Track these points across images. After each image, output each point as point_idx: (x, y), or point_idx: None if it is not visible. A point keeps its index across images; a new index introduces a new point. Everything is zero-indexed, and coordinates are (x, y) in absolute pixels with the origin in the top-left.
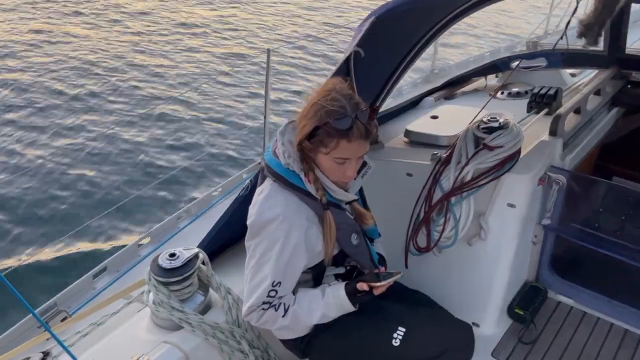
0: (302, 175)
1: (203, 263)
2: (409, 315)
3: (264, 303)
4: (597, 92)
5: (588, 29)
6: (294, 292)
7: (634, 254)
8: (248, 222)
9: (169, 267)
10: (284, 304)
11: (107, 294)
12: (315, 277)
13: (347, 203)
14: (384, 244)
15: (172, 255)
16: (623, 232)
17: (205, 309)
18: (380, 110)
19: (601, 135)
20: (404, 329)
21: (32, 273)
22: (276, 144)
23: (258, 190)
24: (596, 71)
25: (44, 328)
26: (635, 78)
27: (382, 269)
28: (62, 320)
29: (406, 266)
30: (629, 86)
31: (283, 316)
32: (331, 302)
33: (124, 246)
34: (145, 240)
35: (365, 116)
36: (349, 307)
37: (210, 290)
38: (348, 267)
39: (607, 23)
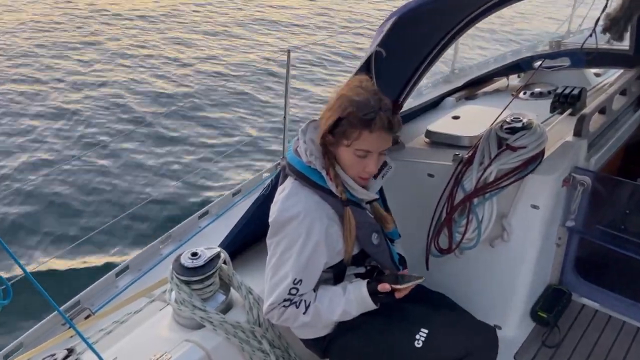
0: (324, 173)
1: (224, 262)
2: (432, 317)
3: (284, 300)
4: (623, 92)
5: (614, 24)
6: (315, 290)
7: None
8: (270, 220)
9: (191, 266)
10: (305, 301)
11: (130, 292)
12: (335, 276)
13: (367, 202)
14: (405, 245)
15: (194, 254)
16: None
17: (227, 308)
18: (401, 110)
19: (627, 136)
20: (426, 331)
21: (57, 271)
22: (297, 142)
23: (280, 189)
24: (621, 71)
25: (69, 325)
26: None
27: (406, 270)
28: (86, 317)
29: (427, 267)
30: None
31: (304, 313)
32: (352, 299)
33: (146, 245)
34: (167, 240)
35: (388, 109)
36: (370, 305)
37: (232, 290)
38: (368, 267)
39: (634, 22)
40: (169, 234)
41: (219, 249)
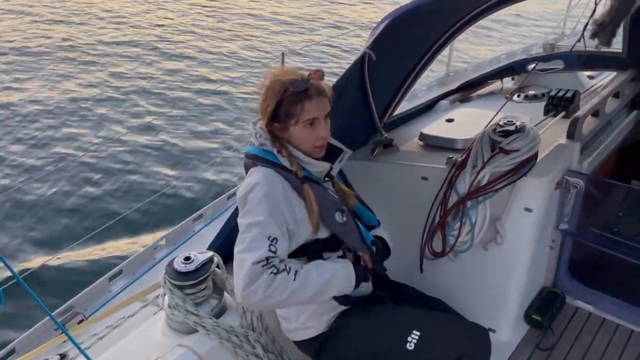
0: (275, 151)
1: (218, 266)
2: (424, 319)
3: (267, 261)
4: (616, 95)
5: (602, 29)
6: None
7: None
8: (237, 205)
9: (184, 270)
10: (292, 268)
11: (123, 296)
12: (310, 259)
13: (326, 180)
14: (399, 248)
15: (187, 258)
16: None
17: (220, 312)
18: (395, 113)
19: (620, 139)
20: (418, 333)
21: (50, 276)
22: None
23: None
24: (614, 73)
25: (61, 330)
26: None
27: None
28: (79, 322)
29: (421, 271)
30: None
31: (294, 280)
32: (339, 267)
33: (139, 249)
34: (161, 244)
35: (316, 77)
36: (351, 277)
37: (225, 294)
38: (343, 253)
39: (626, 25)
40: (162, 238)
41: (212, 253)
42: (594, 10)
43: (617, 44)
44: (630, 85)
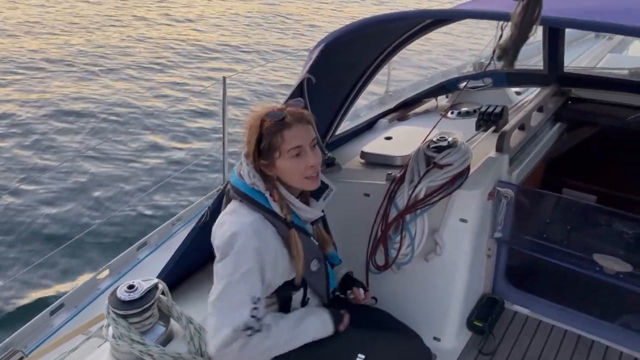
0: (267, 195)
1: (163, 293)
2: (368, 341)
3: (248, 328)
4: (540, 109)
5: (505, 53)
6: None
7: (580, 261)
8: (215, 243)
9: (128, 299)
10: (265, 326)
11: (66, 330)
12: (281, 302)
13: (312, 224)
14: (346, 264)
15: (131, 287)
16: (569, 241)
17: (167, 339)
18: (337, 133)
19: (545, 150)
20: (363, 356)
21: None
22: (241, 166)
23: (224, 211)
24: (539, 89)
25: None
26: (575, 94)
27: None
28: None
29: (367, 285)
30: (569, 102)
31: (267, 338)
32: (313, 318)
33: (82, 281)
34: (104, 273)
35: (294, 105)
36: (328, 324)
37: (172, 321)
38: (308, 299)
39: (545, 45)
40: (106, 267)
41: (156, 280)
42: (500, 37)
43: (540, 62)
44: (553, 100)
